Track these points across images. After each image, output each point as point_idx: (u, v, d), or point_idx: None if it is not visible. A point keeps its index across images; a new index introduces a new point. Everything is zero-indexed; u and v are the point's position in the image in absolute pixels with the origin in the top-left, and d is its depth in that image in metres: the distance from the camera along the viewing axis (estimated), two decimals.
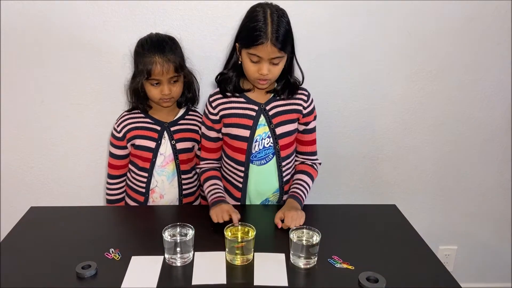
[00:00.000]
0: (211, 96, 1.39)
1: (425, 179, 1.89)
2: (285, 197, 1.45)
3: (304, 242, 1.10)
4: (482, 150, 1.86)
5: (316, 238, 1.10)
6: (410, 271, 1.08)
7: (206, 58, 1.63)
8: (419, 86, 1.75)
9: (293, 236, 1.10)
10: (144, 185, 1.49)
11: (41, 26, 1.59)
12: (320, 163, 1.47)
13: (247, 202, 1.44)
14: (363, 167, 1.86)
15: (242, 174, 1.40)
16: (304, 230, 1.13)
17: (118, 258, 1.10)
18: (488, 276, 2.06)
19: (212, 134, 1.40)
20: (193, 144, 1.52)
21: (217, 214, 1.24)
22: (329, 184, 1.85)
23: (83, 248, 1.15)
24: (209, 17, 1.61)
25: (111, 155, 1.51)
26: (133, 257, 1.10)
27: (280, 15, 1.22)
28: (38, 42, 1.61)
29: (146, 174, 1.48)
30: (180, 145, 1.48)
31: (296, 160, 1.47)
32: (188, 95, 1.50)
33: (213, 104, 1.37)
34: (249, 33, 1.21)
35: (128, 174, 1.55)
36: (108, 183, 1.54)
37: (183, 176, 1.51)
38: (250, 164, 1.38)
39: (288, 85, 1.35)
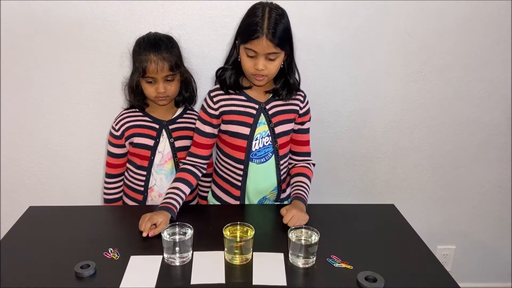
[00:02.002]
0: (211, 91, 1.38)
1: (424, 179, 1.89)
2: (283, 195, 1.47)
3: (303, 241, 1.10)
4: (482, 150, 1.86)
5: (314, 238, 1.10)
6: (408, 270, 1.08)
7: (205, 58, 1.64)
8: (418, 86, 1.75)
9: (292, 235, 1.10)
10: (142, 183, 1.50)
11: (41, 25, 1.59)
12: (314, 164, 1.48)
13: (246, 200, 1.44)
14: (362, 166, 1.86)
15: (241, 173, 1.40)
16: (303, 230, 1.14)
17: (117, 257, 1.10)
18: (486, 276, 2.06)
19: (207, 129, 1.38)
20: (191, 143, 1.52)
21: (143, 222, 1.19)
22: (328, 183, 1.85)
23: (82, 247, 1.15)
24: (208, 17, 1.61)
25: (109, 153, 1.51)
26: (132, 257, 1.10)
27: (279, 13, 1.23)
28: (38, 42, 1.61)
29: (144, 173, 1.48)
30: (178, 143, 1.49)
31: (290, 163, 1.48)
32: (186, 94, 1.50)
33: (214, 100, 1.36)
34: (247, 28, 1.24)
35: (126, 174, 1.55)
36: (106, 182, 1.55)
37: None
38: (250, 162, 1.38)
39: (286, 85, 1.36)
